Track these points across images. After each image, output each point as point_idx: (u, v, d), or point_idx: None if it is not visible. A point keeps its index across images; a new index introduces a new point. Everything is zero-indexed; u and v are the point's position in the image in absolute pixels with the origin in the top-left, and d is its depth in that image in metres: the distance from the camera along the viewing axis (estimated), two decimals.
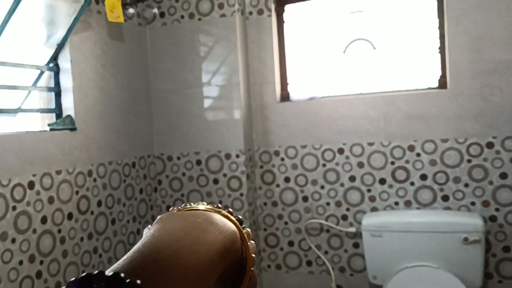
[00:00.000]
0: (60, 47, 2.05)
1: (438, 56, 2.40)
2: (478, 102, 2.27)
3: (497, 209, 2.27)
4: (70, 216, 2.04)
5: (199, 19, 2.56)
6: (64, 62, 2.08)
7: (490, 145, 2.26)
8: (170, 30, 2.62)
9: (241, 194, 2.55)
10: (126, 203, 2.44)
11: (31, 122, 2.07)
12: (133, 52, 2.54)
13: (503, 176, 2.25)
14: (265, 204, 2.67)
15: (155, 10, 2.60)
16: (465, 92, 2.28)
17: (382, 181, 2.43)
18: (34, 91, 2.04)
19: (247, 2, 2.61)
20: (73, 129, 2.08)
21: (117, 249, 2.35)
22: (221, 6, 2.52)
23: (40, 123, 2.10)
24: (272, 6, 2.60)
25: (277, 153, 2.62)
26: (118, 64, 2.40)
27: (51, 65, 2.06)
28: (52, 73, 2.08)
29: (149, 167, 2.65)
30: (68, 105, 2.10)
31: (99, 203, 2.23)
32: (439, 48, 2.39)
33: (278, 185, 2.63)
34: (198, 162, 2.62)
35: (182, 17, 2.59)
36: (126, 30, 2.47)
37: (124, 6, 2.35)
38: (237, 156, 2.54)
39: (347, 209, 2.50)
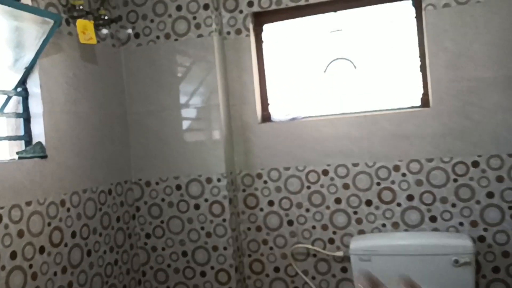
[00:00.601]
0: (28, 70, 1.94)
1: (420, 75, 2.37)
2: (461, 120, 2.24)
3: (485, 229, 2.23)
4: (42, 250, 1.91)
5: (176, 40, 2.48)
6: (34, 86, 1.97)
7: (475, 164, 2.23)
8: (145, 51, 2.53)
9: (224, 220, 2.45)
10: (103, 232, 2.31)
11: (0, 150, 1.95)
12: (107, 74, 2.44)
13: (490, 195, 2.21)
14: (249, 229, 2.57)
15: (130, 31, 2.52)
16: (447, 110, 2.26)
17: (369, 203, 2.37)
18: (1, 117, 1.92)
19: (224, 22, 2.55)
20: (43, 156, 1.95)
21: (94, 282, 2.21)
22: (198, 26, 2.45)
23: (8, 151, 1.97)
24: (251, 26, 2.54)
25: (259, 175, 2.53)
26: (92, 87, 2.30)
27: (19, 89, 1.95)
28: (20, 98, 1.96)
29: (126, 193, 2.53)
30: (38, 132, 1.98)
31: (73, 234, 2.10)
32: (420, 66, 2.37)
33: (261, 209, 2.54)
34: (178, 187, 2.51)
35: (158, 37, 2.51)
36: (99, 52, 2.37)
37: (97, 27, 2.26)
38: (219, 180, 2.45)
39: (334, 233, 2.43)
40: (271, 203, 2.52)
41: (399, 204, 2.33)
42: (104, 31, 2.39)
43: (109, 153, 2.40)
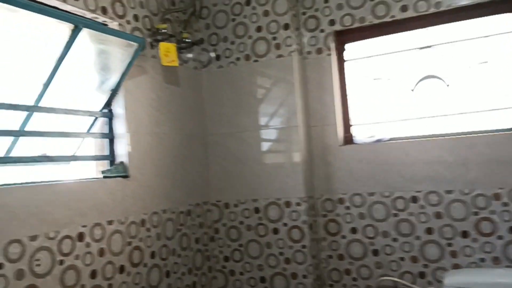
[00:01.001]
0: (114, 92, 2.00)
1: None
2: None
3: None
4: (122, 269, 1.92)
5: (255, 61, 2.46)
6: (118, 107, 2.03)
7: None
8: (226, 73, 2.53)
9: (303, 246, 2.34)
10: (182, 253, 2.30)
11: (85, 169, 2.01)
12: (188, 96, 2.46)
13: None
14: (330, 257, 2.42)
15: (212, 54, 2.53)
16: None
17: (465, 234, 2.13)
18: (88, 138, 1.99)
19: (305, 41, 2.48)
20: (125, 176, 1.99)
21: None
22: (277, 46, 2.41)
23: (94, 170, 2.03)
24: (332, 45, 2.45)
25: (341, 200, 2.39)
26: (173, 109, 2.33)
27: (105, 111, 2.01)
28: (106, 119, 2.02)
29: (206, 215, 2.52)
30: (121, 152, 2.02)
31: (152, 255, 2.10)
32: None
33: (344, 236, 2.39)
34: (257, 210, 2.45)
35: (238, 59, 2.50)
36: (181, 74, 2.41)
37: (180, 50, 2.29)
38: (298, 204, 2.35)
39: (425, 266, 2.21)
40: (354, 230, 2.36)
41: (500, 237, 2.07)
42: (187, 54, 2.43)
43: (188, 174, 2.40)
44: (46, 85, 1.71)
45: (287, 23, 2.39)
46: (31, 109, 1.69)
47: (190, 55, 2.45)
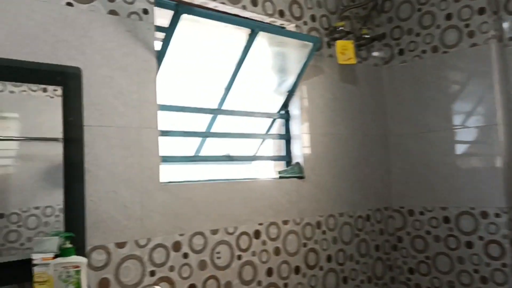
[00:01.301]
0: (290, 94, 2.02)
1: None
2: None
3: None
4: (297, 270, 1.93)
5: (445, 52, 2.20)
6: (294, 108, 2.04)
7: None
8: (409, 68, 2.33)
9: (504, 265, 1.99)
10: (360, 260, 2.19)
11: (265, 169, 2.07)
12: (368, 94, 2.34)
13: None
14: None
15: (394, 48, 2.36)
16: None
17: None
18: (267, 139, 2.05)
19: (505, 26, 2.11)
20: (301, 177, 1.98)
21: None
22: (471, 34, 2.11)
23: (273, 170, 2.09)
24: None
25: None
26: (351, 108, 2.24)
27: (282, 112, 2.05)
28: (283, 121, 2.05)
29: (387, 221, 2.36)
30: (297, 153, 2.03)
31: (328, 258, 2.05)
32: None
33: None
34: (446, 220, 2.19)
35: (424, 51, 2.27)
36: (359, 72, 2.31)
37: (358, 46, 2.20)
38: (497, 215, 2.02)
39: None
40: None
41: None
42: (366, 50, 2.32)
43: (367, 177, 2.28)
44: (227, 89, 1.82)
45: (482, 7, 2.08)
46: (214, 112, 1.82)
47: (370, 51, 2.33)
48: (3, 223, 1.23)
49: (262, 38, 1.79)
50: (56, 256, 1.19)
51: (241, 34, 1.74)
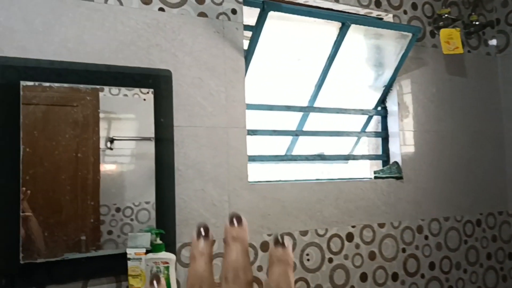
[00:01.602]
0: (387, 88, 1.89)
1: None
2: None
3: None
4: (395, 277, 1.81)
5: None
6: (392, 104, 1.91)
7: None
8: None
9: None
10: (468, 269, 2.00)
11: (361, 169, 1.98)
12: (478, 87, 2.12)
13: None
14: None
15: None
16: None
17: None
18: (362, 137, 1.95)
19: None
20: (399, 177, 1.86)
21: None
22: None
23: (369, 170, 1.99)
24: None
25: None
26: (458, 103, 2.04)
27: (378, 108, 1.93)
28: (379, 117, 1.94)
29: (501, 227, 2.12)
30: (396, 151, 1.90)
31: (431, 266, 1.90)
32: None
33: None
34: None
35: None
36: (468, 62, 2.09)
37: (467, 35, 2.00)
38: None
39: None
40: None
41: None
42: (477, 38, 2.10)
43: (478, 178, 2.07)
44: (319, 85, 1.77)
45: None
46: (305, 110, 1.77)
47: (486, 41, 2.11)
48: (119, 216, 1.32)
49: (355, 31, 1.71)
50: (147, 252, 1.25)
51: (332, 28, 1.67)
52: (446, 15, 1.94)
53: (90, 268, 1.27)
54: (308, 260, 1.64)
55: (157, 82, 1.38)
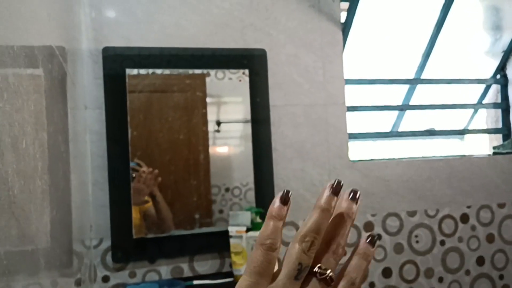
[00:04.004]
0: (507, 54, 1.69)
1: None
2: None
3: None
4: None
5: None
6: None
7: None
8: None
9: None
10: None
11: (477, 144, 1.81)
12: None
13: None
14: None
15: None
16: None
17: None
18: (479, 109, 1.77)
19: None
20: None
21: None
22: None
23: (488, 145, 1.81)
24: None
25: None
26: None
27: (497, 77, 1.73)
28: (499, 86, 1.74)
29: None
30: None
31: None
32: None
33: None
34: None
35: None
36: None
37: None
38: None
39: None
40: None
41: None
42: None
43: None
44: (426, 55, 1.63)
45: None
46: (411, 82, 1.66)
47: None
48: (229, 196, 1.37)
49: None
50: (248, 230, 1.27)
51: None
52: None
53: (196, 244, 1.33)
54: (417, 242, 1.54)
55: (252, 62, 1.38)
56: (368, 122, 1.65)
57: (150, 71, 1.31)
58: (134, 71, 1.29)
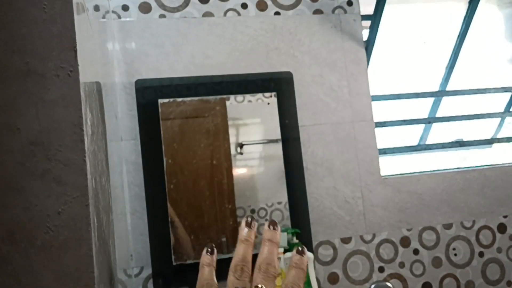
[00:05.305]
0: None
1: None
2: None
3: None
4: None
5: None
6: None
7: None
8: None
9: None
10: None
11: (509, 153, 1.79)
12: None
13: None
14: None
15: None
16: None
17: None
18: (507, 117, 1.76)
19: None
20: None
21: None
22: None
23: None
24: None
25: None
26: None
27: None
28: None
29: None
30: None
31: None
32: None
33: None
34: None
35: None
36: None
37: None
38: None
39: None
40: None
41: None
42: None
43: None
44: (450, 67, 1.64)
45: None
46: (436, 95, 1.66)
47: None
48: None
49: (487, 2, 1.55)
50: (285, 251, 1.27)
51: (459, 3, 1.53)
52: None
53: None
54: (455, 255, 1.52)
55: (279, 85, 1.41)
56: (395, 137, 1.65)
57: (182, 99, 1.34)
58: (166, 100, 1.33)
